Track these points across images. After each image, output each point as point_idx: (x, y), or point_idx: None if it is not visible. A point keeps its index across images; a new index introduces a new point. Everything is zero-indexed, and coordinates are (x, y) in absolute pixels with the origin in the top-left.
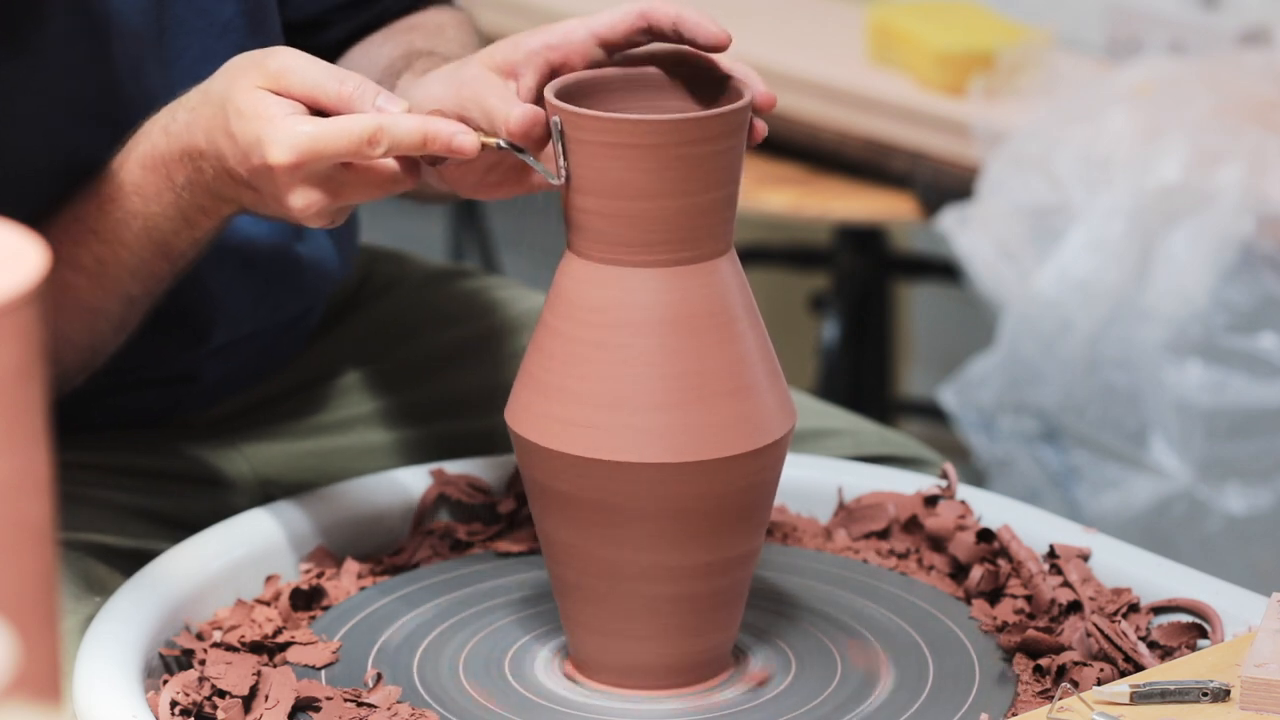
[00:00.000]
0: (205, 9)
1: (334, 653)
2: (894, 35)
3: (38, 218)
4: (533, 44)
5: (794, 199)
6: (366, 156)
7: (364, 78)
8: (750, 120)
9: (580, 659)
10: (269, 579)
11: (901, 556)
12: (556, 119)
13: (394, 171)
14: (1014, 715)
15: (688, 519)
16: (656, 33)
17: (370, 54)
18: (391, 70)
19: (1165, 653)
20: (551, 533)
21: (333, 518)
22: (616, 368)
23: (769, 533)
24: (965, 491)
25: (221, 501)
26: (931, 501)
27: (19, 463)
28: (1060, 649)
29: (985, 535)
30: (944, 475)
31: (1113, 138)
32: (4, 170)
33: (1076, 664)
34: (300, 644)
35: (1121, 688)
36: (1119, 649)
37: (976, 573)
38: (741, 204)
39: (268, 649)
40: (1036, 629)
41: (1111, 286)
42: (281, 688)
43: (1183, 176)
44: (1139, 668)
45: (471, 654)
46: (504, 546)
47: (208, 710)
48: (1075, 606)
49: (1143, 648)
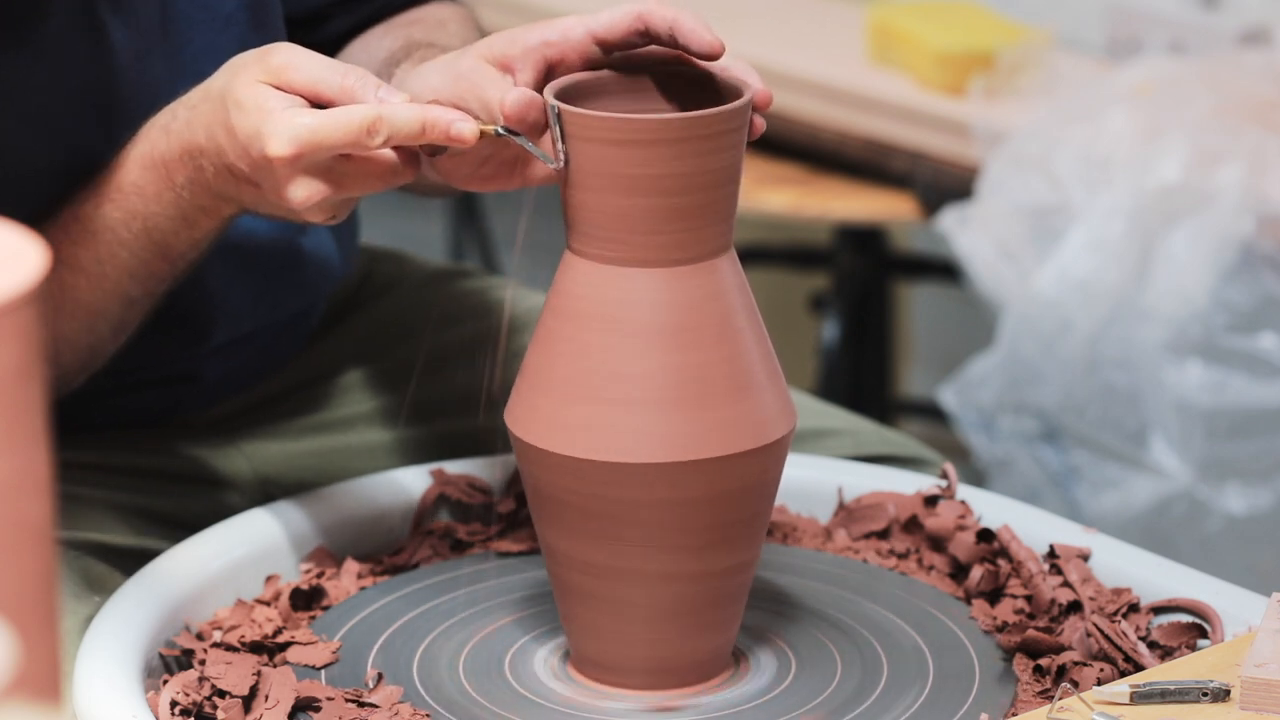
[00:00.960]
0: (207, 3)
1: (334, 653)
2: (894, 35)
3: (39, 217)
4: (530, 40)
5: (794, 199)
6: (366, 147)
7: (365, 71)
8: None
9: (580, 659)
10: (269, 579)
11: (901, 556)
12: (554, 105)
13: (394, 162)
14: (1014, 715)
15: (688, 520)
16: (653, 36)
17: (370, 47)
18: (391, 61)
19: (1165, 653)
20: (551, 534)
21: (333, 518)
22: (615, 368)
23: (769, 533)
24: (965, 491)
25: (221, 501)
26: (931, 501)
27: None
28: (1060, 649)
29: (985, 535)
30: (944, 475)
31: (1113, 138)
32: (6, 168)
33: (1076, 664)
34: (300, 644)
35: (1121, 688)
36: (1119, 649)
37: (976, 573)
38: (741, 204)
39: (268, 649)
40: (1036, 629)
41: (1111, 286)
42: (281, 688)
43: (1183, 176)
44: (1139, 668)
45: (471, 654)
46: (504, 546)
47: (208, 710)
48: (1075, 606)
49: (1143, 648)
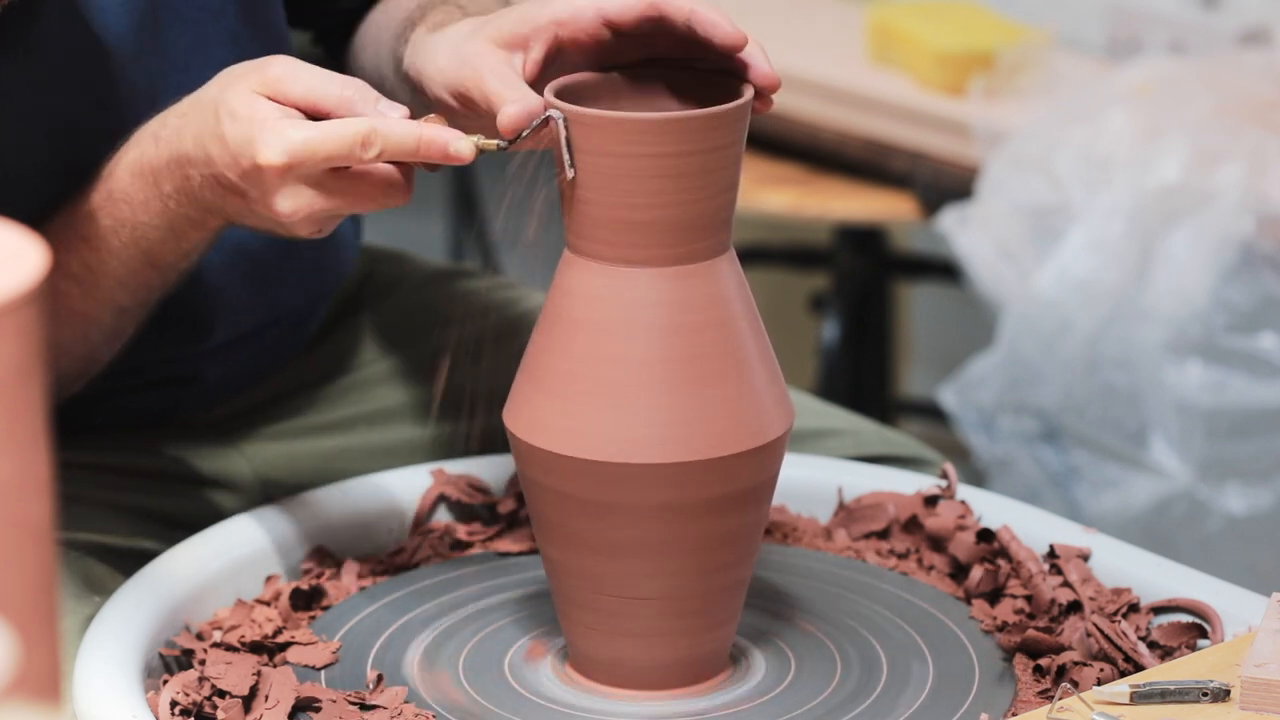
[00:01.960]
0: None
1: (334, 653)
2: (894, 35)
3: (37, 218)
4: (540, 19)
5: (794, 199)
6: (359, 160)
7: (364, 84)
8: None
9: (579, 659)
10: (269, 579)
11: (901, 556)
12: (562, 116)
13: (388, 178)
14: (1014, 715)
15: (685, 520)
16: (667, 26)
17: (389, 9)
18: (408, 22)
19: (1165, 653)
20: (549, 533)
21: (333, 518)
22: (614, 368)
23: (769, 532)
24: (965, 491)
25: (221, 502)
26: (931, 501)
27: (19, 463)
28: (1060, 649)
29: (985, 535)
30: (944, 475)
31: (1113, 138)
32: (4, 169)
33: (1076, 664)
34: (300, 644)
35: (1121, 688)
36: (1119, 649)
37: (976, 573)
38: (741, 204)
39: (268, 649)
40: (1036, 629)
41: (1111, 286)
42: (281, 688)
43: (1183, 176)
44: (1139, 668)
45: (471, 654)
46: (504, 546)
47: (208, 710)
48: (1075, 606)
49: (1143, 648)
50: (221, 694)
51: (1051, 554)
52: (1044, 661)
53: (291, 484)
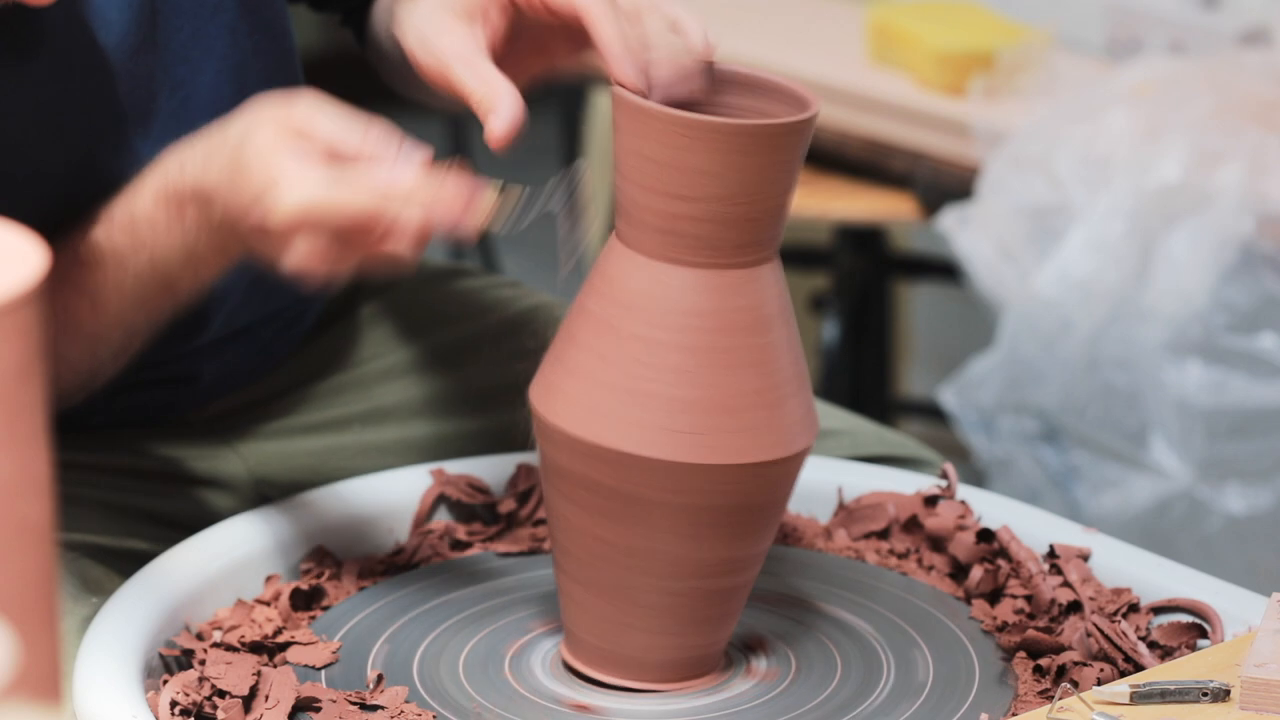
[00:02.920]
0: None
1: (334, 653)
2: (894, 35)
3: (48, 221)
4: None
5: (794, 199)
6: (366, 233)
7: (387, 129)
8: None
9: (581, 652)
10: (269, 579)
11: (901, 556)
12: (567, 191)
13: (394, 253)
14: (1014, 715)
15: (703, 517)
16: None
17: None
18: None
19: (1165, 653)
20: (565, 517)
21: (333, 518)
22: (645, 360)
23: None
24: (965, 491)
25: (219, 501)
26: (931, 501)
27: (19, 463)
28: (1060, 649)
29: (985, 535)
30: (944, 475)
31: (1113, 138)
32: (13, 171)
33: (1076, 664)
34: (300, 644)
35: (1121, 688)
36: (1119, 649)
37: (976, 573)
38: None
39: (268, 649)
40: (1036, 629)
41: (1111, 286)
42: (281, 688)
43: (1183, 176)
44: (1139, 668)
45: (471, 654)
46: (504, 546)
47: (208, 710)
48: (1075, 606)
49: (1143, 648)
50: (221, 694)
51: (1051, 554)
52: (1044, 661)
53: (286, 482)
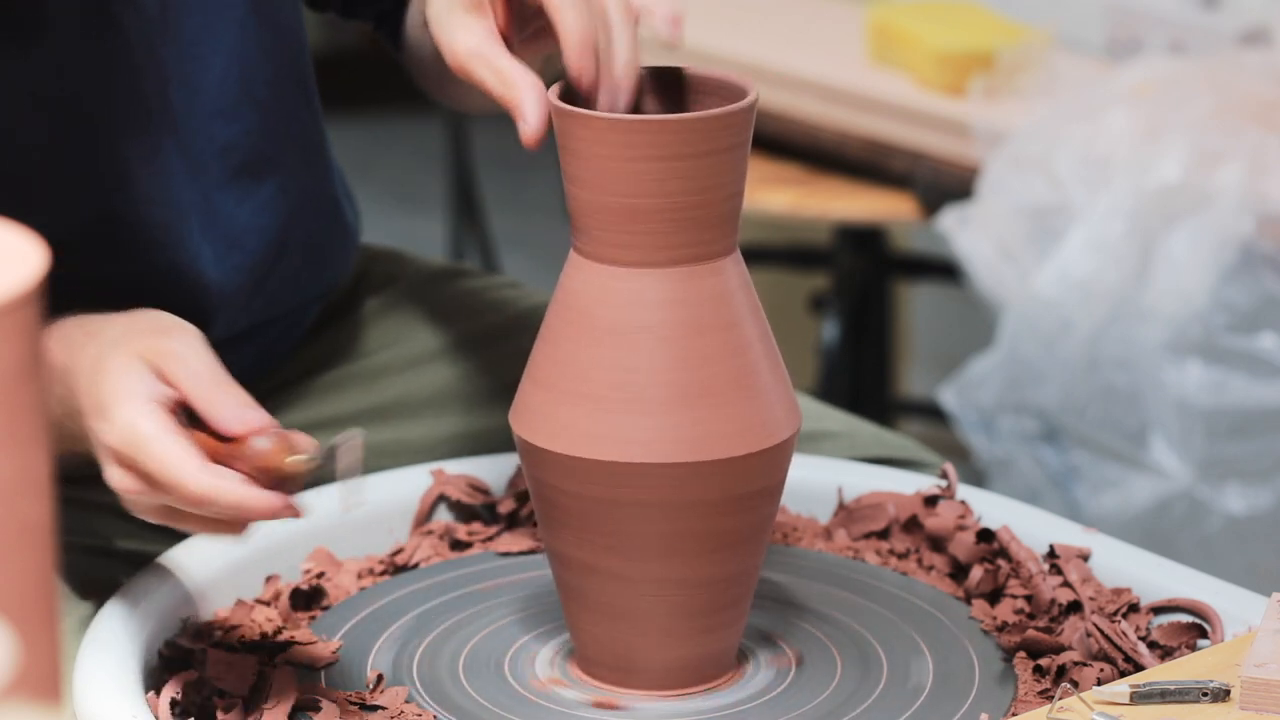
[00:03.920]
0: None
1: (334, 653)
2: (894, 35)
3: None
4: None
5: (794, 199)
6: (184, 507)
7: (245, 402)
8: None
9: (583, 658)
10: (269, 579)
11: (901, 556)
12: (338, 443)
13: (219, 525)
14: (1014, 715)
15: (693, 520)
16: None
17: None
18: None
19: (1165, 653)
20: (556, 535)
21: (333, 518)
22: (620, 369)
23: None
24: (965, 491)
25: None
26: (931, 501)
27: (19, 463)
28: (1060, 649)
29: (985, 535)
30: (944, 475)
31: (1113, 138)
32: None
33: (1076, 664)
34: (300, 644)
35: (1121, 688)
36: (1119, 649)
37: (976, 573)
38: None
39: (268, 649)
40: (1036, 629)
41: (1111, 286)
42: (281, 688)
43: (1183, 176)
44: (1139, 668)
45: (471, 654)
46: (504, 546)
47: (208, 710)
48: (1075, 606)
49: (1143, 648)
50: (221, 694)
51: (1051, 554)
52: (1044, 661)
53: None
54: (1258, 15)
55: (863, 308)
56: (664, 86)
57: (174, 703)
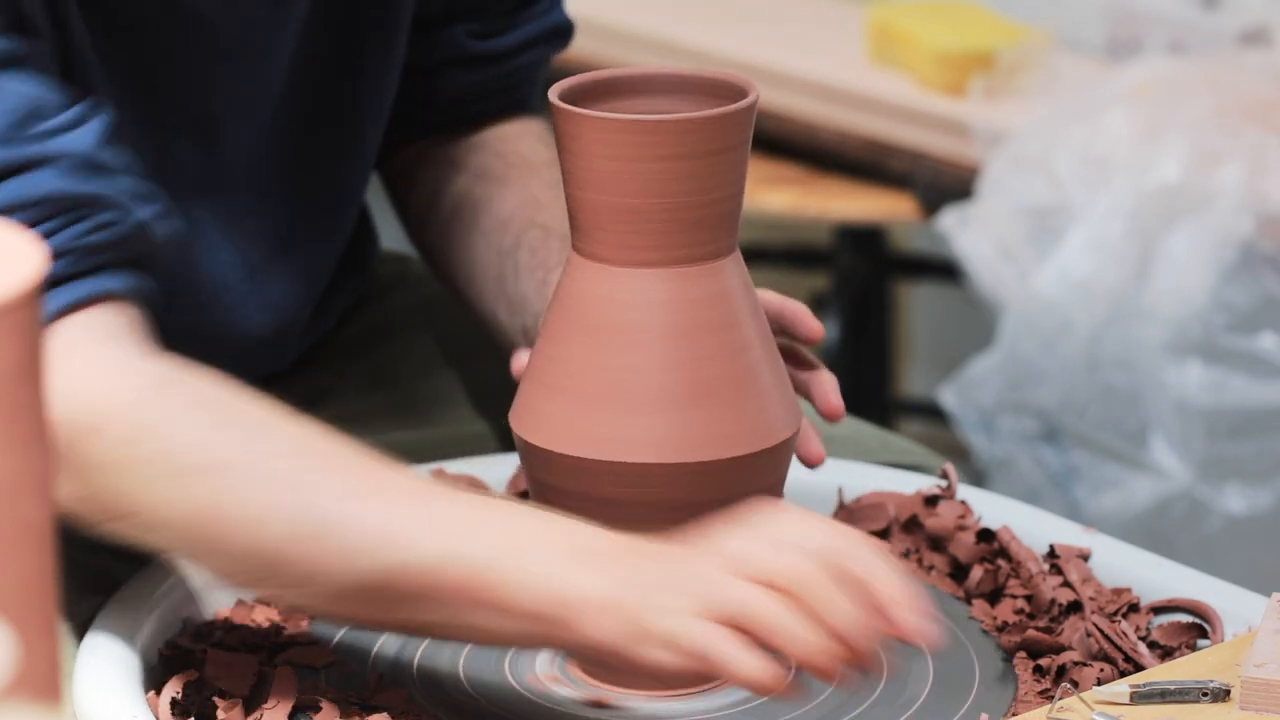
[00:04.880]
0: None
1: (334, 653)
2: (894, 35)
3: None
4: None
5: (794, 199)
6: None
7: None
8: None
9: (593, 670)
10: None
11: (902, 557)
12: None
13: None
14: (1014, 715)
15: (693, 520)
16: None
17: (492, 205)
18: (508, 232)
19: (1165, 653)
20: None
21: None
22: (620, 369)
23: None
24: (965, 491)
25: None
26: (931, 501)
27: (19, 463)
28: (1060, 649)
29: (985, 535)
30: (944, 475)
31: (1113, 138)
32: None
33: (1076, 664)
34: (300, 644)
35: (1121, 688)
36: (1119, 649)
37: (976, 573)
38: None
39: (268, 649)
40: (1036, 629)
41: (1111, 286)
42: (281, 688)
43: (1183, 176)
44: (1139, 668)
45: (471, 654)
46: None
47: (208, 710)
48: (1075, 606)
49: (1143, 648)
50: (221, 694)
51: (1051, 554)
52: (1044, 661)
53: None
54: (1258, 15)
55: (863, 308)
56: (664, 86)
57: (174, 703)
